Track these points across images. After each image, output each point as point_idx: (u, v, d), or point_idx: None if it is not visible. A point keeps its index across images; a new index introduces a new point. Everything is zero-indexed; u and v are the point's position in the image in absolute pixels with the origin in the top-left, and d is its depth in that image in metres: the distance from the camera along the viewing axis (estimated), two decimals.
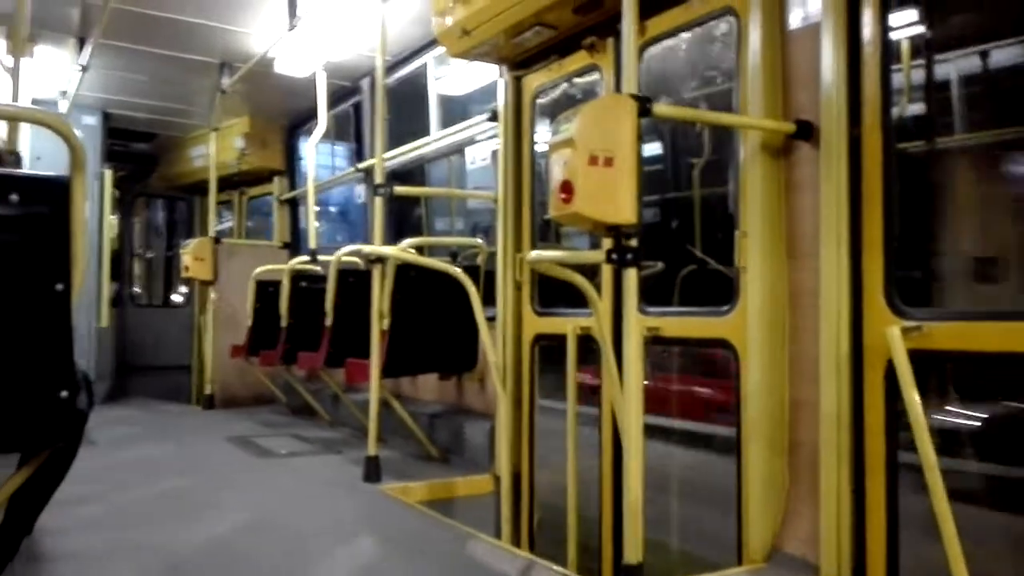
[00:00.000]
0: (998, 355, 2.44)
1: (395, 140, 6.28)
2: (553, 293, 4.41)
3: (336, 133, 8.05)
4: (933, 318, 2.58)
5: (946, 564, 2.30)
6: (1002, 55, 3.24)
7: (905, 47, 3.17)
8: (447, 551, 3.41)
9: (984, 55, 3.25)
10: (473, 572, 3.21)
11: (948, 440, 2.69)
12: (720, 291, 3.39)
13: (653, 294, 3.62)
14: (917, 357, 2.48)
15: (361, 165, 7.12)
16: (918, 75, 3.24)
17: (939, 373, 2.74)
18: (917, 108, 3.28)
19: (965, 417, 2.78)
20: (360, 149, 7.43)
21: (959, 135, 3.39)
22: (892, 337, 2.52)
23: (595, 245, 4.49)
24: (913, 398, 2.42)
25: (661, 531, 3.67)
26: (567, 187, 2.72)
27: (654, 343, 3.60)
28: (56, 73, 7.02)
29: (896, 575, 2.71)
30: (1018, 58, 3.22)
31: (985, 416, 2.81)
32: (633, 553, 2.85)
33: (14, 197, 1.82)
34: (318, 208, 8.24)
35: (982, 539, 2.49)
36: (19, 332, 1.86)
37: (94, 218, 7.89)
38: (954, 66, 3.26)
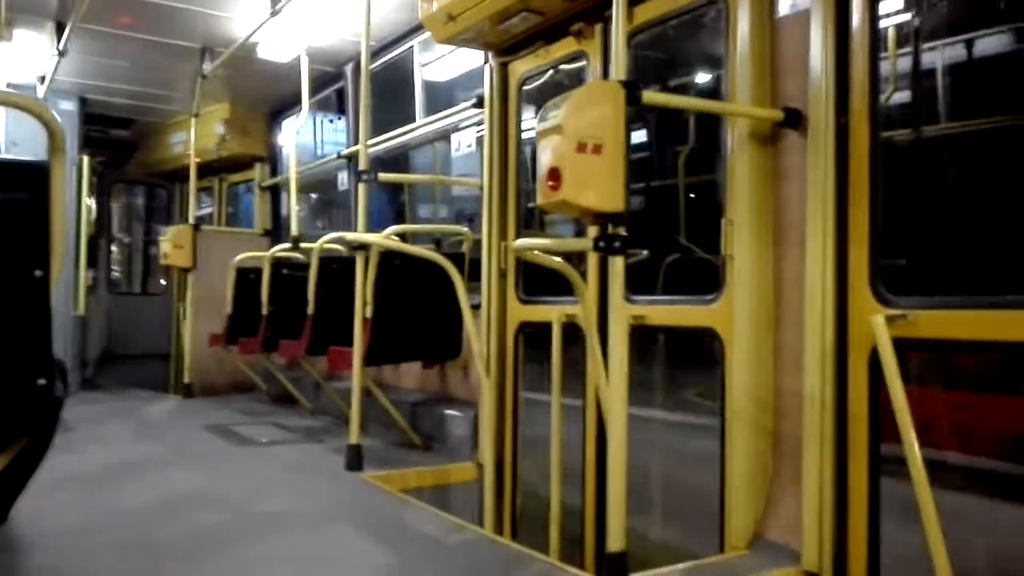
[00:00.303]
0: (982, 343, 2.46)
1: (378, 128, 6.22)
2: (538, 281, 4.39)
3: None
4: (918, 306, 2.60)
5: (927, 550, 2.32)
6: (988, 44, 3.25)
7: (892, 35, 3.17)
8: (428, 538, 3.40)
9: (970, 44, 3.26)
10: (454, 560, 3.20)
11: None
12: (706, 279, 3.39)
13: (639, 282, 3.61)
14: (901, 345, 2.49)
15: (345, 152, 7.06)
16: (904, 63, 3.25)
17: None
18: (903, 96, 3.28)
19: None
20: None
21: (945, 123, 3.40)
22: (877, 325, 2.53)
23: (580, 232, 4.48)
24: (897, 386, 2.43)
25: None
26: (555, 174, 2.70)
27: (640, 331, 3.60)
28: (33, 57, 6.88)
29: (877, 562, 2.74)
30: (1004, 47, 3.23)
31: None
32: (616, 541, 2.85)
33: None
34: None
35: None
36: None
37: (71, 205, 7.79)
38: (940, 54, 3.27)
